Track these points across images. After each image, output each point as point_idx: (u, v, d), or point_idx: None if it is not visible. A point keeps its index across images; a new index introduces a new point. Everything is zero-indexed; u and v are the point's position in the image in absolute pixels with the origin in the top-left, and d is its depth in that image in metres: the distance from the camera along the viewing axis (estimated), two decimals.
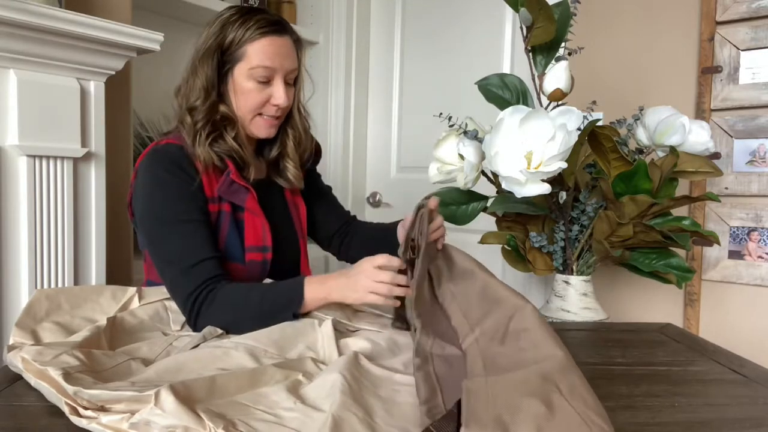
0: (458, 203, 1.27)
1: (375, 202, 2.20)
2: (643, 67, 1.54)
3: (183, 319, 0.90)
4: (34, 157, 1.10)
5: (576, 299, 1.19)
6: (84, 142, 1.18)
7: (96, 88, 1.20)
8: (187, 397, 0.56)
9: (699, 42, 1.45)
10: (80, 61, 1.14)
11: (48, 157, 1.12)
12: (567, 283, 1.21)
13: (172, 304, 0.92)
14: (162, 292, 0.95)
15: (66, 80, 1.14)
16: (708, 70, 1.43)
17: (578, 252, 1.20)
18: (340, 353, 0.75)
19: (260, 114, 1.05)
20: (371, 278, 0.88)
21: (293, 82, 1.09)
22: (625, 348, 0.89)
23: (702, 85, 1.44)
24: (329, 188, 1.28)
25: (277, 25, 1.04)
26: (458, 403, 0.52)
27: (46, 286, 1.13)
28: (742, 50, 1.38)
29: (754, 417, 0.62)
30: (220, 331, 0.85)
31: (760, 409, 0.64)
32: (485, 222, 1.36)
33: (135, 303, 0.90)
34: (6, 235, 1.08)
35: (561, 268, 1.22)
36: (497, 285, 0.78)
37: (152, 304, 0.92)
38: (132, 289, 0.92)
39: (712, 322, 1.44)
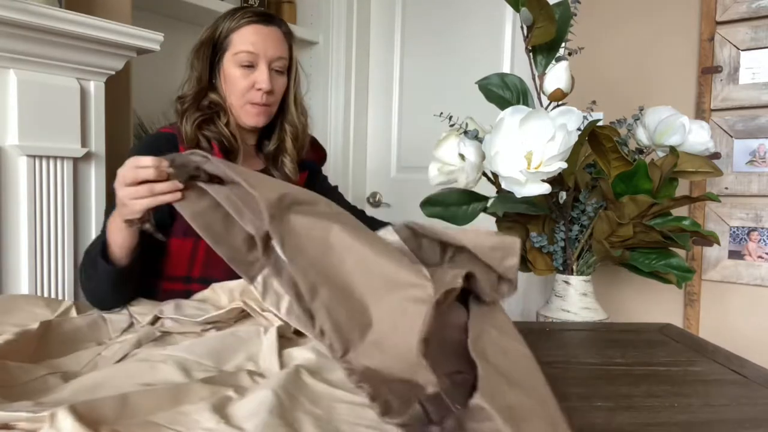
0: (458, 203, 1.27)
1: (375, 202, 2.20)
2: (643, 67, 1.54)
3: (122, 327, 0.85)
4: (34, 157, 1.09)
5: (576, 299, 1.19)
6: (84, 142, 1.18)
7: (96, 88, 1.20)
8: (91, 417, 0.50)
9: (699, 42, 1.45)
10: (80, 61, 1.14)
11: (48, 157, 1.12)
12: (567, 283, 1.21)
13: (112, 316, 0.87)
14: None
15: (66, 80, 1.14)
16: (708, 70, 1.42)
17: (578, 252, 1.20)
18: (283, 365, 0.69)
19: (250, 102, 1.09)
20: (121, 184, 0.75)
21: (285, 72, 1.12)
22: (625, 348, 0.89)
23: (702, 85, 1.44)
24: (335, 187, 1.30)
25: (262, 15, 1.10)
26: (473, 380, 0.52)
27: (46, 286, 1.13)
28: (742, 50, 1.38)
29: (754, 417, 0.62)
30: (158, 333, 0.80)
31: (760, 409, 0.64)
32: (485, 222, 1.36)
33: (72, 314, 0.85)
34: (6, 235, 1.08)
35: (561, 268, 1.22)
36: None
37: (90, 315, 0.86)
38: (68, 302, 0.88)
39: (712, 322, 1.44)
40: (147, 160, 0.71)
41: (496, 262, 0.77)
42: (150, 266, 1.01)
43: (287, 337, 0.79)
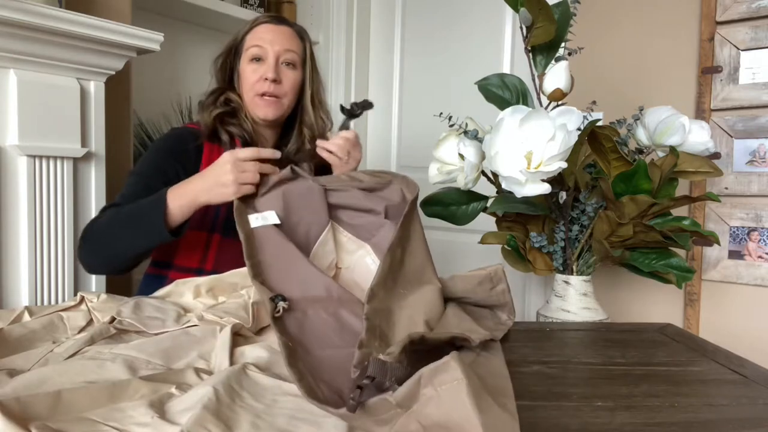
0: (458, 203, 1.27)
1: None
2: (643, 67, 1.54)
3: (81, 324, 0.85)
4: (34, 157, 1.09)
5: (576, 299, 1.19)
6: (84, 142, 1.18)
7: (96, 88, 1.20)
8: (22, 414, 0.50)
9: (699, 42, 1.45)
10: (80, 61, 1.14)
11: (48, 157, 1.12)
12: (567, 283, 1.21)
13: (70, 314, 0.87)
14: (56, 306, 0.90)
15: (66, 80, 1.14)
16: (708, 70, 1.43)
17: (578, 252, 1.20)
18: (234, 362, 0.69)
19: (258, 94, 1.13)
20: (237, 170, 0.89)
21: (297, 68, 1.16)
22: (625, 348, 0.89)
23: (702, 85, 1.44)
24: None
25: (276, 17, 1.18)
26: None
27: (46, 286, 1.13)
28: (742, 50, 1.38)
29: (753, 417, 0.62)
30: (112, 330, 0.80)
31: (760, 409, 0.64)
32: (485, 222, 1.36)
33: (26, 318, 0.85)
34: (6, 235, 1.08)
35: (561, 268, 1.22)
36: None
37: (47, 316, 0.85)
38: (19, 308, 0.88)
39: (712, 322, 1.44)
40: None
41: (488, 292, 0.85)
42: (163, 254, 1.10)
43: (243, 336, 0.79)
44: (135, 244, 0.95)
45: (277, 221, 0.85)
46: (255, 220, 0.85)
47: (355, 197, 0.94)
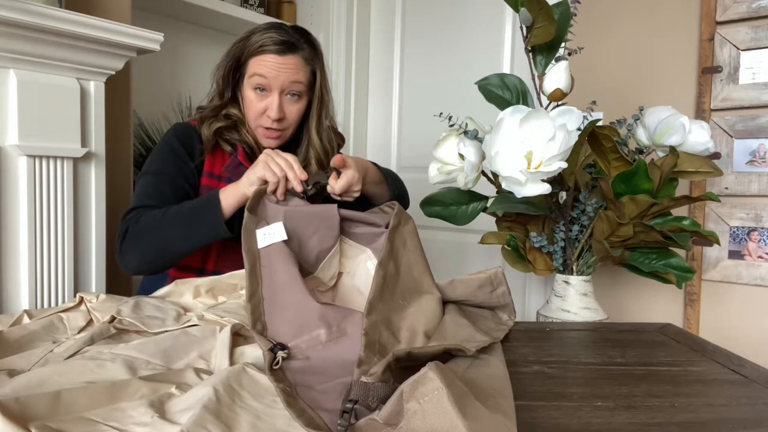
0: (458, 203, 1.27)
1: None
2: (643, 67, 1.54)
3: (81, 325, 0.85)
4: (34, 157, 1.09)
5: (576, 299, 1.19)
6: (84, 142, 1.18)
7: (96, 88, 1.20)
8: (21, 414, 0.50)
9: (699, 42, 1.45)
10: (80, 61, 1.14)
11: (48, 157, 1.12)
12: (567, 283, 1.21)
13: (69, 315, 0.86)
14: (55, 308, 0.90)
15: (66, 80, 1.14)
16: (708, 70, 1.43)
17: (578, 252, 1.20)
18: (234, 362, 0.69)
19: (261, 126, 1.13)
20: (270, 156, 0.94)
21: (303, 95, 1.12)
22: (625, 348, 0.89)
23: (702, 85, 1.44)
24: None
25: (283, 44, 1.09)
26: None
27: (46, 286, 1.13)
28: (742, 50, 1.38)
29: (753, 418, 0.62)
30: (112, 330, 0.80)
31: (760, 409, 0.64)
32: (485, 222, 1.36)
33: (25, 321, 0.85)
34: (6, 235, 1.08)
35: (561, 268, 1.22)
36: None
37: (47, 317, 0.85)
38: (18, 312, 0.88)
39: (712, 322, 1.44)
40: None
41: (488, 295, 0.85)
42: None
43: (243, 336, 0.78)
44: (190, 240, 0.98)
45: (284, 237, 0.82)
46: (263, 237, 0.83)
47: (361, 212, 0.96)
